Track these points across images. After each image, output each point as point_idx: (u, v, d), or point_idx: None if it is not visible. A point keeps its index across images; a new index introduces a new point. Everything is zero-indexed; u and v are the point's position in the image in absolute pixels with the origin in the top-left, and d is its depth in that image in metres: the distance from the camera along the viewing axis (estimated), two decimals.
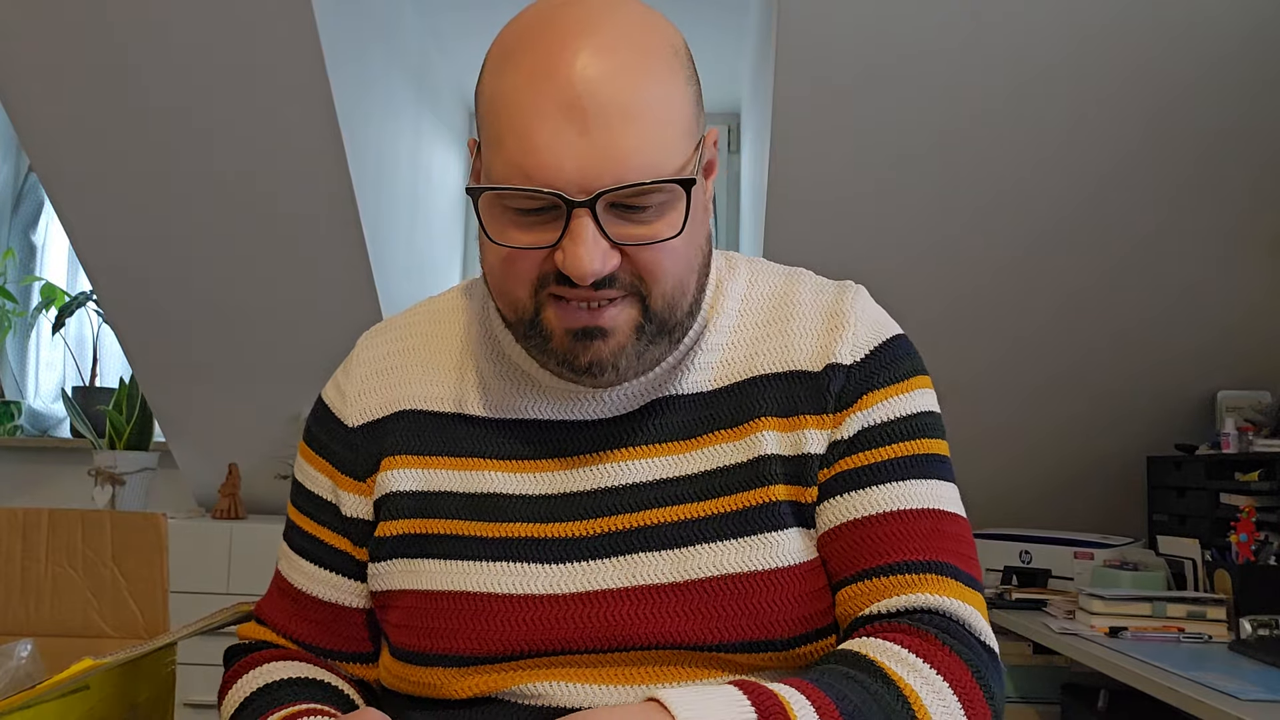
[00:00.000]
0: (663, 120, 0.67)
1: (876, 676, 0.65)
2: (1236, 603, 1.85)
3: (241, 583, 2.42)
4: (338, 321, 2.44)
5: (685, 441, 0.76)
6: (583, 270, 0.66)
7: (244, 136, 2.14)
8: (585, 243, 0.66)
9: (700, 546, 0.72)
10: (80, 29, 2.00)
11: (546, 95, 0.65)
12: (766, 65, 2.11)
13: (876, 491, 0.74)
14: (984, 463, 2.47)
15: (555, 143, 0.64)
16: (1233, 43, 1.89)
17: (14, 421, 3.23)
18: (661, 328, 0.72)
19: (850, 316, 0.78)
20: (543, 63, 0.66)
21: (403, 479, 0.78)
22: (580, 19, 0.67)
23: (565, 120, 0.64)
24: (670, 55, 0.69)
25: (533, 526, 0.75)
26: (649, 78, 0.67)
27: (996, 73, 1.96)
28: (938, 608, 0.69)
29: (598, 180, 0.65)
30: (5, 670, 0.86)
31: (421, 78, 2.77)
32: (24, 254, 3.40)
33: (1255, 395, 2.30)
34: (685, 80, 0.70)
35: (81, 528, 1.02)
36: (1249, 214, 2.13)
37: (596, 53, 0.65)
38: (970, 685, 0.66)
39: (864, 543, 0.73)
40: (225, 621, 0.90)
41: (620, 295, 0.70)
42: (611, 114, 0.64)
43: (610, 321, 0.70)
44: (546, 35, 0.67)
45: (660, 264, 0.70)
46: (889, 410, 0.76)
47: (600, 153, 0.65)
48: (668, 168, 0.67)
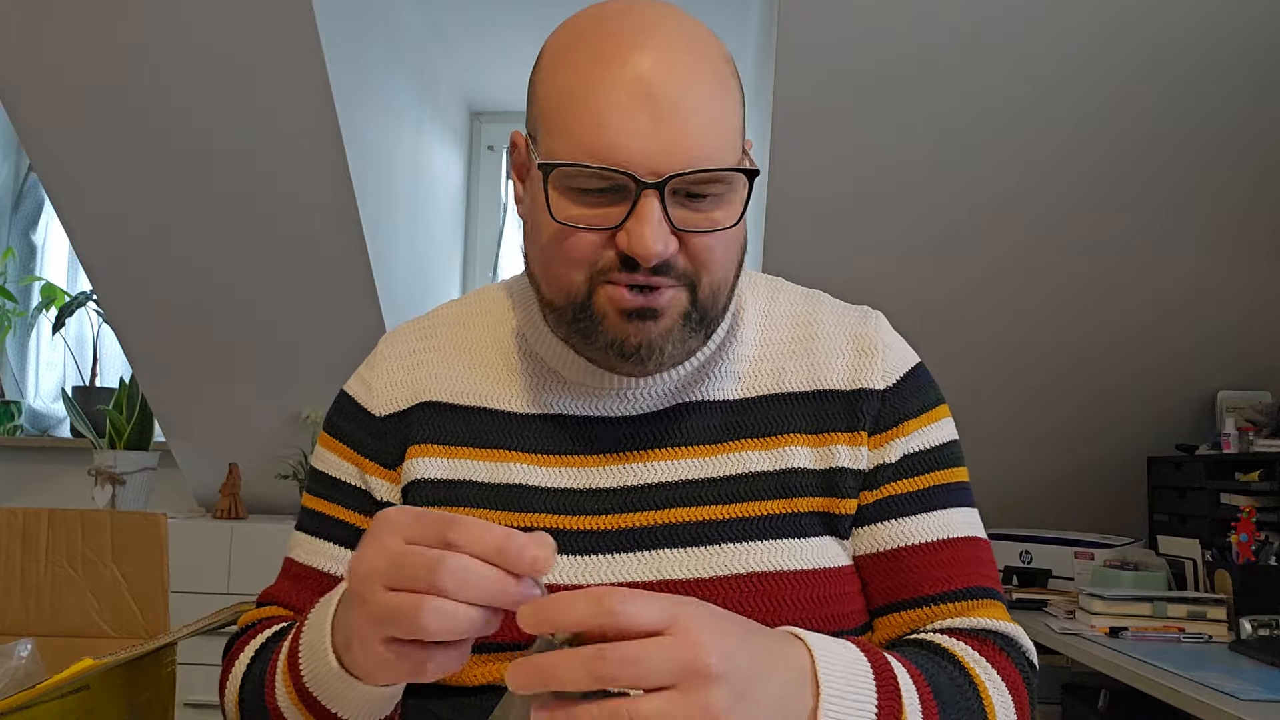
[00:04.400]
0: (722, 117, 0.70)
1: (954, 664, 0.70)
2: (1236, 603, 1.85)
3: (241, 583, 2.42)
4: (338, 321, 2.45)
5: (713, 446, 0.78)
6: (648, 250, 0.68)
7: (244, 136, 2.14)
8: (652, 224, 0.68)
9: (725, 545, 0.74)
10: (80, 29, 2.00)
11: (617, 83, 0.67)
12: (767, 65, 2.12)
13: (924, 519, 0.78)
14: (984, 463, 2.46)
15: (627, 126, 0.67)
16: (1233, 43, 1.89)
17: (14, 421, 3.23)
18: (704, 318, 0.74)
19: (879, 343, 0.81)
20: (611, 56, 0.68)
21: (428, 467, 0.79)
22: (640, 23, 0.70)
23: (636, 107, 0.67)
24: (723, 62, 0.72)
25: (558, 519, 0.76)
26: (710, 78, 0.70)
27: (996, 72, 1.96)
28: (994, 629, 0.75)
29: (667, 164, 0.67)
30: (5, 670, 0.86)
31: (422, 76, 2.77)
32: (24, 254, 3.40)
33: (1255, 395, 2.30)
34: (736, 86, 0.74)
35: (81, 528, 1.02)
36: (1249, 214, 2.13)
37: (662, 51, 0.68)
38: (1021, 692, 0.73)
39: (917, 569, 0.77)
40: (225, 621, 0.90)
41: (673, 283, 0.72)
42: (679, 105, 0.67)
43: (664, 303, 0.72)
44: (610, 34, 0.70)
45: (714, 252, 0.72)
46: (925, 439, 0.80)
47: (669, 139, 0.67)
48: (728, 160, 0.70)
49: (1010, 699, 0.71)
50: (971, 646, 0.73)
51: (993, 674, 0.71)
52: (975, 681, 0.70)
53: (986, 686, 0.70)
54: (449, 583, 0.54)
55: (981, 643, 0.73)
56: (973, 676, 0.70)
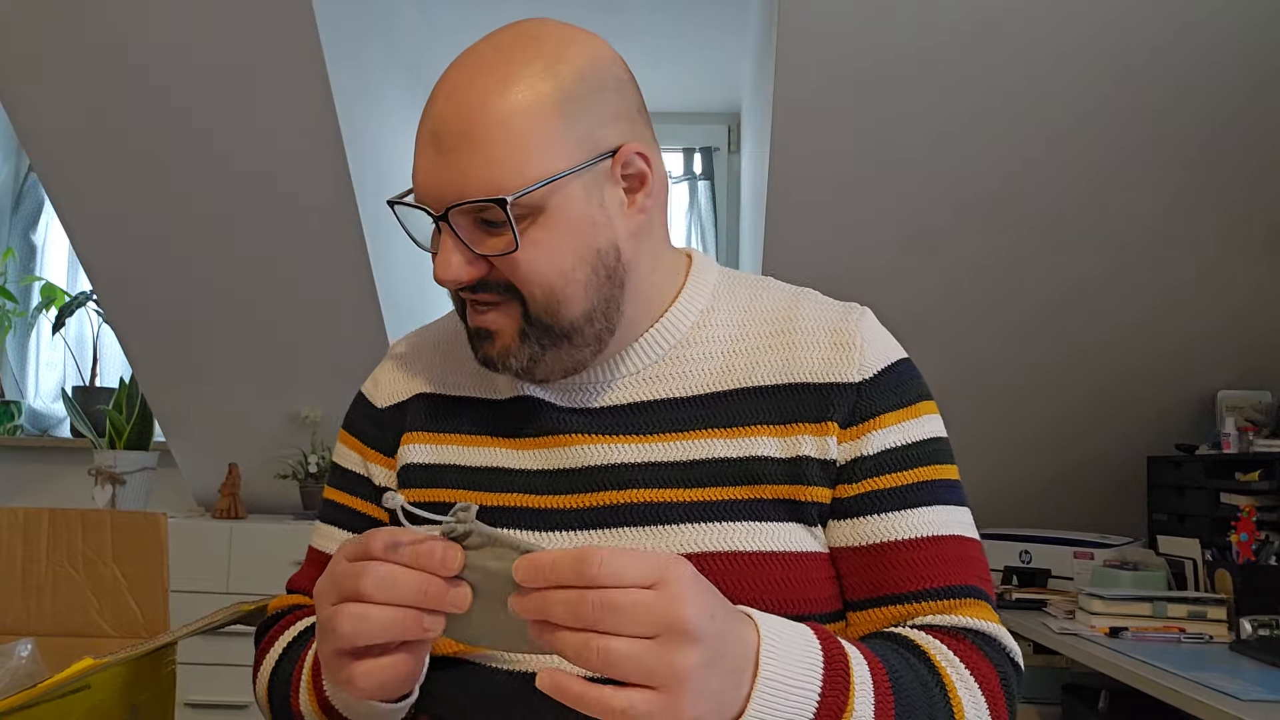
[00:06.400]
0: (509, 142, 0.72)
1: (922, 660, 0.71)
2: (1237, 603, 1.85)
3: (241, 583, 2.42)
4: (338, 321, 2.45)
5: (679, 434, 0.80)
6: (440, 275, 0.75)
7: (244, 136, 2.14)
8: (444, 250, 0.74)
9: (685, 525, 0.76)
10: (80, 30, 2.00)
11: (425, 123, 0.75)
12: (767, 65, 2.12)
13: (907, 516, 0.78)
14: (984, 462, 2.47)
15: (423, 163, 0.74)
16: (1230, 41, 1.89)
17: (14, 421, 3.23)
18: (548, 331, 0.77)
19: (857, 336, 0.81)
20: (433, 99, 0.75)
21: (417, 453, 0.86)
22: (461, 61, 0.75)
23: (429, 144, 0.73)
24: (538, 80, 0.72)
25: (529, 498, 0.80)
26: (501, 106, 0.72)
27: (996, 71, 1.96)
28: (973, 627, 0.75)
29: (447, 195, 0.73)
30: (5, 670, 0.86)
31: (422, 75, 2.77)
32: (24, 254, 3.40)
33: (1255, 395, 2.30)
34: (554, 105, 0.73)
35: (82, 528, 1.02)
36: (1248, 213, 2.13)
37: (458, 87, 0.73)
38: (996, 692, 0.72)
39: (897, 565, 0.77)
40: (225, 621, 0.90)
41: (498, 300, 0.77)
42: (458, 140, 0.72)
43: (492, 324, 0.78)
44: (443, 76, 0.76)
45: (517, 272, 0.75)
46: (906, 434, 0.80)
47: (448, 173, 0.72)
48: (510, 186, 0.71)
49: (983, 698, 0.71)
50: (945, 644, 0.73)
51: (964, 672, 0.71)
52: (943, 678, 0.70)
53: (955, 684, 0.70)
54: (369, 587, 0.60)
55: (957, 640, 0.73)
56: (940, 673, 0.70)
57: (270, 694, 0.82)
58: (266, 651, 0.85)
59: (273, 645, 0.85)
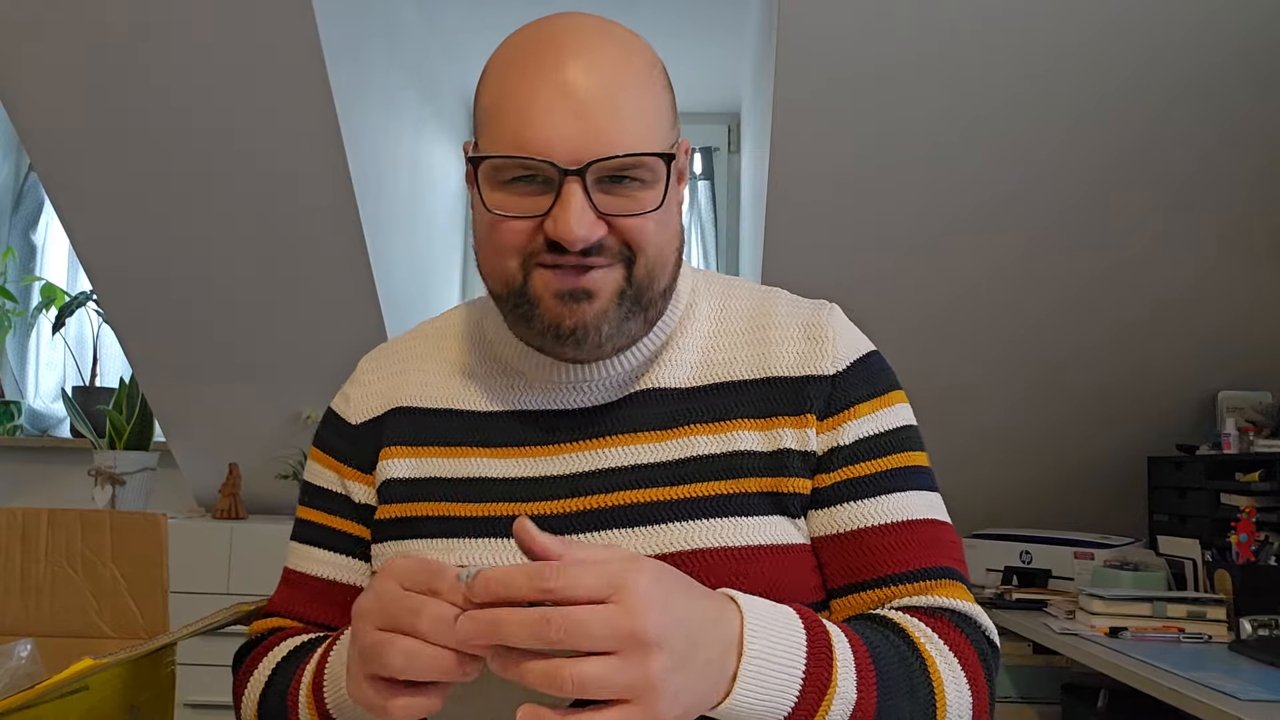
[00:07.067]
0: (642, 111, 0.75)
1: (902, 638, 0.72)
2: (1236, 603, 1.86)
3: (241, 583, 2.42)
4: (338, 321, 2.45)
5: (662, 432, 0.81)
6: (572, 234, 0.72)
7: (244, 136, 2.14)
8: (574, 208, 0.72)
9: (673, 524, 0.77)
10: (80, 29, 2.00)
11: (546, 86, 0.73)
12: (767, 65, 2.12)
13: (882, 501, 0.79)
14: (984, 463, 2.47)
15: (550, 120, 0.72)
16: (1232, 42, 1.89)
17: (14, 421, 3.23)
18: (639, 297, 0.77)
19: (829, 330, 0.84)
20: (541, 66, 0.74)
21: (397, 468, 0.84)
22: (570, 33, 0.76)
23: (560, 105, 0.72)
24: (647, 67, 0.77)
25: (515, 506, 0.79)
26: (630, 82, 0.75)
27: (996, 72, 1.96)
28: (950, 607, 0.77)
29: (587, 152, 0.72)
30: (5, 670, 0.86)
31: (422, 75, 2.77)
32: (24, 254, 3.40)
33: (1255, 395, 2.30)
34: (662, 88, 0.78)
35: (81, 528, 1.02)
36: (1248, 214, 2.13)
37: (587, 55, 0.74)
38: (975, 669, 0.74)
39: (874, 550, 0.78)
40: (225, 621, 0.90)
41: (607, 263, 0.76)
42: (600, 102, 0.72)
43: (596, 284, 0.76)
44: (543, 43, 0.75)
45: (645, 231, 0.75)
46: (879, 423, 0.82)
47: (589, 130, 0.72)
48: (662, 144, 0.75)
49: (963, 674, 0.72)
50: (924, 623, 0.74)
51: (944, 649, 0.72)
52: (923, 655, 0.71)
53: (935, 660, 0.71)
54: (424, 625, 0.60)
55: (935, 619, 0.75)
56: (921, 650, 0.71)
57: (261, 712, 0.81)
58: (251, 671, 0.84)
59: (257, 666, 0.84)
